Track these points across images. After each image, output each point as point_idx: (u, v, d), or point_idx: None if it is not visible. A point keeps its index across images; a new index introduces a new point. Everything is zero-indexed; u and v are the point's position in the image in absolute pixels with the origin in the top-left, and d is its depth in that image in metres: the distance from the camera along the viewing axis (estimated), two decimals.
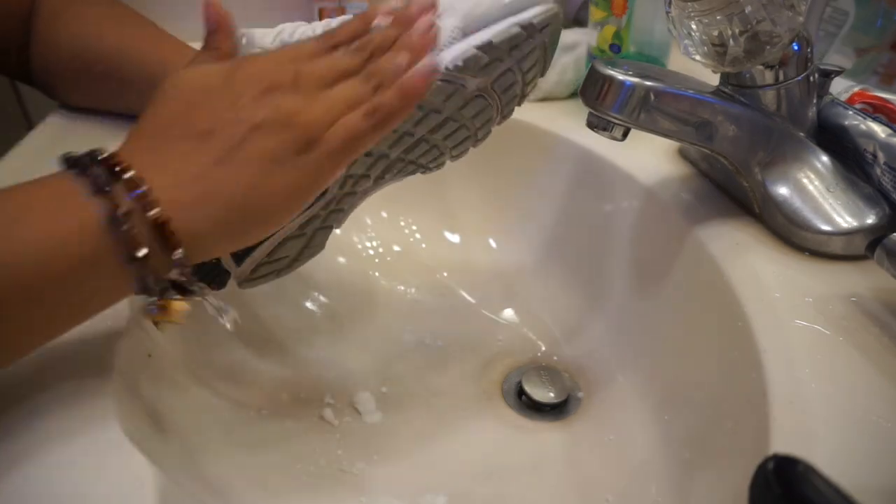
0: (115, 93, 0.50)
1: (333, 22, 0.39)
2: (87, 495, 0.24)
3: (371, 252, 0.56)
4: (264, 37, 0.41)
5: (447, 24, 0.35)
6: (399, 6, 0.33)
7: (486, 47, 0.35)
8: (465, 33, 0.36)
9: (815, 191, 0.38)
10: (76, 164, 0.27)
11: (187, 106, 0.29)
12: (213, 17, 0.33)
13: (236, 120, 0.28)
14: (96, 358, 0.30)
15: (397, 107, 0.30)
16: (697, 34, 0.36)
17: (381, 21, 0.33)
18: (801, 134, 0.39)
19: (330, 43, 0.32)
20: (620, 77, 0.36)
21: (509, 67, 0.36)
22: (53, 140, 0.48)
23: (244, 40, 0.42)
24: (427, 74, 0.30)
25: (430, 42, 0.32)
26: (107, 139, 0.44)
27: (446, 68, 0.35)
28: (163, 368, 0.36)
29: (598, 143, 0.48)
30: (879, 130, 0.37)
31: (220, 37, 0.33)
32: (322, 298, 0.51)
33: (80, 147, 0.28)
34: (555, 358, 0.49)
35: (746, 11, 0.34)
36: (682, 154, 0.47)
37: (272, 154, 0.28)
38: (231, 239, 0.29)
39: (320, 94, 0.30)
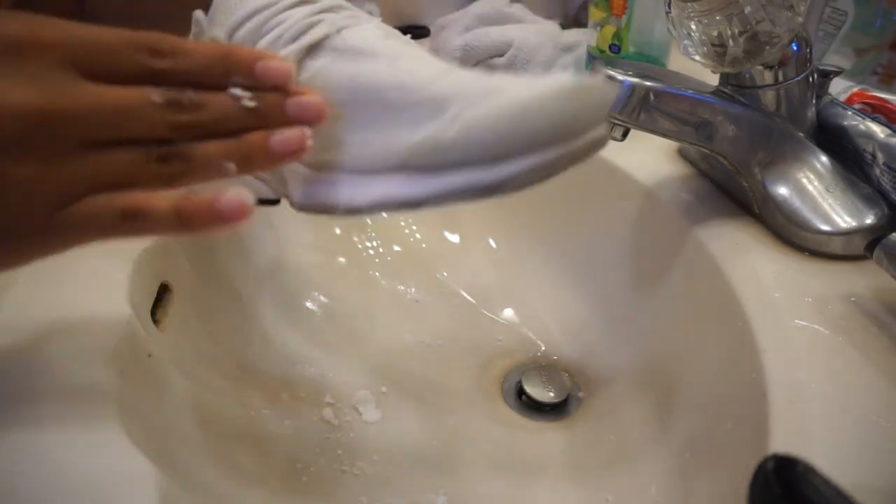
0: None
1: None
2: (88, 495, 0.24)
3: (371, 252, 0.56)
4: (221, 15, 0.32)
5: (388, 135, 0.25)
6: (276, 71, 0.23)
7: (417, 203, 0.26)
8: (401, 167, 0.26)
9: (814, 191, 0.38)
10: None
11: None
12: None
13: None
14: (96, 358, 0.30)
15: (184, 227, 0.22)
16: (697, 34, 0.36)
17: (239, 92, 0.23)
18: (801, 134, 0.39)
19: (155, 62, 0.22)
20: (620, 77, 0.36)
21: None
22: None
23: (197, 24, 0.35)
24: (244, 207, 0.22)
25: (288, 157, 0.23)
26: None
27: (344, 207, 0.26)
28: (163, 368, 0.36)
29: None
30: (878, 130, 0.37)
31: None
32: (322, 298, 0.51)
33: None
34: (555, 358, 0.49)
35: (746, 12, 0.34)
36: (682, 154, 0.47)
37: None
38: None
39: (71, 161, 0.21)
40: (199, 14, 0.36)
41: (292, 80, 0.23)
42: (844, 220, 0.36)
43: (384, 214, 0.28)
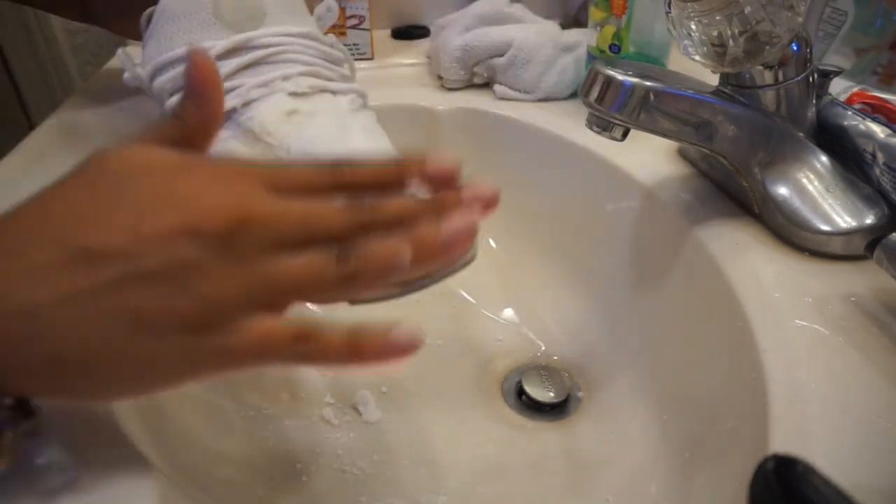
0: None
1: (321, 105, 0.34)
2: (88, 496, 0.24)
3: None
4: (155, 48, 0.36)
5: None
6: (445, 170, 0.24)
7: None
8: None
9: (814, 191, 0.38)
10: None
11: (88, 201, 0.21)
12: (202, 74, 0.25)
13: (122, 252, 0.20)
14: None
15: (354, 357, 0.22)
16: (697, 34, 0.36)
17: (416, 190, 0.24)
18: (801, 134, 0.39)
19: (337, 179, 0.24)
20: (620, 77, 0.36)
21: None
22: (54, 140, 0.48)
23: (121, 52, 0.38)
24: (416, 342, 0.23)
25: (460, 245, 0.23)
26: (110, 139, 0.45)
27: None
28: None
29: (597, 143, 0.48)
30: (878, 130, 0.37)
31: (199, 104, 0.25)
32: None
33: (79, 147, 0.28)
34: (555, 358, 0.49)
35: (746, 12, 0.34)
36: (682, 154, 0.47)
37: (145, 320, 0.20)
38: (54, 393, 0.22)
39: (262, 261, 0.22)
40: (124, 51, 0.38)
41: (460, 172, 0.24)
42: (844, 220, 0.36)
43: None
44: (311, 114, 0.35)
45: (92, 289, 0.20)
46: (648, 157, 0.47)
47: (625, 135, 0.38)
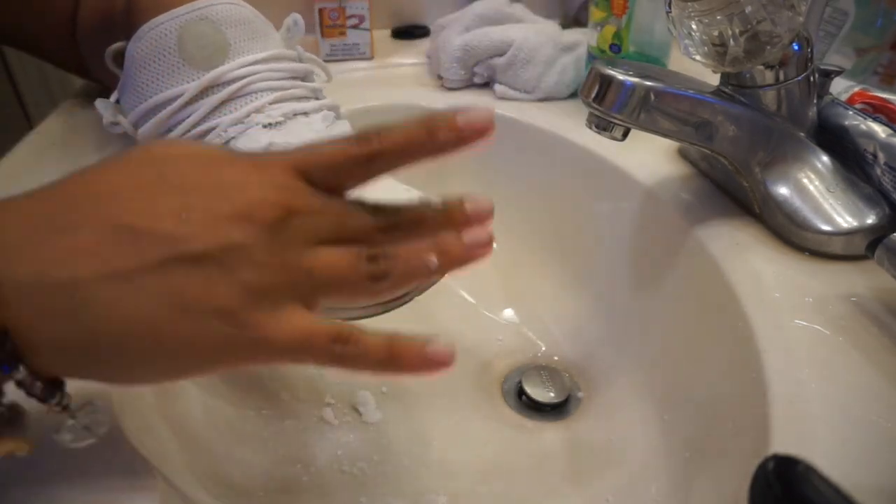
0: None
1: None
2: (88, 496, 0.24)
3: None
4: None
5: None
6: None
7: None
8: None
9: (815, 191, 0.38)
10: None
11: (134, 183, 0.22)
12: None
13: (169, 235, 0.21)
14: None
15: (391, 364, 0.22)
16: (697, 34, 0.36)
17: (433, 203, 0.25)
18: (802, 134, 0.39)
19: (365, 149, 0.24)
20: (620, 77, 0.36)
21: None
22: (54, 140, 0.48)
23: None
24: (450, 357, 0.23)
25: (481, 251, 0.24)
26: (110, 140, 0.45)
27: None
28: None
29: (598, 143, 0.48)
30: (880, 130, 0.37)
31: None
32: None
33: (79, 147, 0.28)
34: (555, 358, 0.49)
35: (746, 11, 0.34)
36: (682, 154, 0.47)
37: (188, 302, 0.21)
38: (83, 372, 0.22)
39: (303, 253, 0.22)
40: (101, 102, 0.39)
41: (493, 125, 0.25)
42: (845, 220, 0.36)
43: None
44: (287, 145, 0.36)
45: (136, 268, 0.20)
46: (648, 157, 0.47)
47: (625, 135, 0.38)
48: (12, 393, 0.22)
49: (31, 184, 0.22)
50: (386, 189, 0.37)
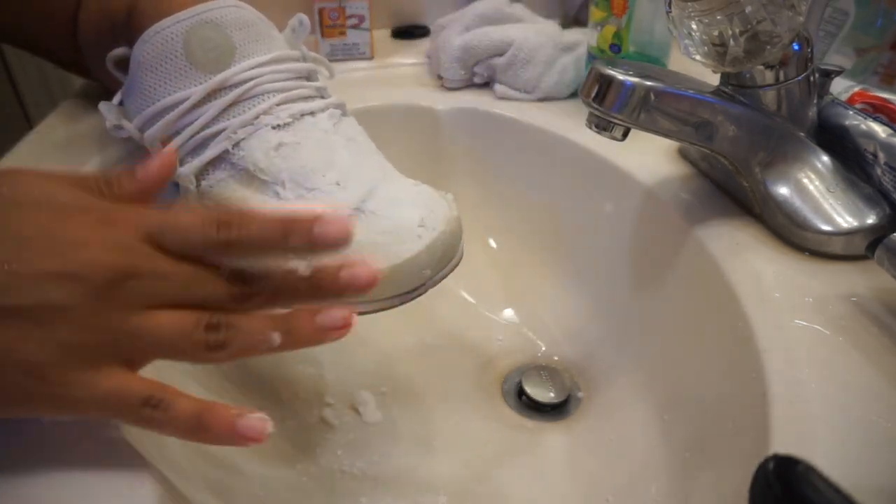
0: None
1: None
2: (88, 495, 0.24)
3: None
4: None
5: None
6: (331, 237, 0.24)
7: None
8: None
9: (815, 191, 0.38)
10: None
11: None
12: (158, 173, 0.26)
13: None
14: None
15: (200, 431, 0.23)
16: (697, 34, 0.36)
17: (296, 264, 0.25)
18: (802, 134, 0.39)
19: (223, 235, 0.24)
20: (620, 77, 0.36)
21: None
22: (54, 140, 0.48)
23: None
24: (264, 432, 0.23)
25: (333, 334, 0.25)
26: (111, 140, 0.45)
27: None
28: (163, 369, 0.36)
29: (597, 143, 0.48)
30: (880, 130, 0.37)
31: (135, 184, 0.26)
32: None
33: (79, 147, 0.28)
34: (555, 358, 0.49)
35: (747, 11, 0.34)
36: (682, 154, 0.47)
37: None
38: None
39: (130, 315, 0.22)
40: (104, 106, 0.39)
41: (349, 239, 0.24)
42: (845, 220, 0.36)
43: None
44: (297, 144, 0.36)
45: None
46: (648, 157, 0.47)
47: (625, 135, 0.38)
48: None
49: None
50: (394, 184, 0.37)
